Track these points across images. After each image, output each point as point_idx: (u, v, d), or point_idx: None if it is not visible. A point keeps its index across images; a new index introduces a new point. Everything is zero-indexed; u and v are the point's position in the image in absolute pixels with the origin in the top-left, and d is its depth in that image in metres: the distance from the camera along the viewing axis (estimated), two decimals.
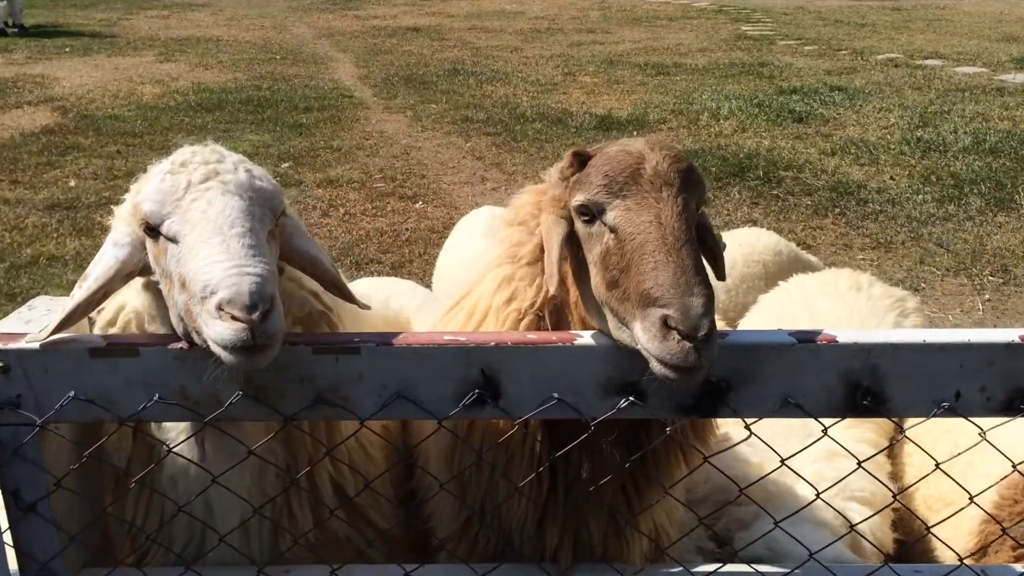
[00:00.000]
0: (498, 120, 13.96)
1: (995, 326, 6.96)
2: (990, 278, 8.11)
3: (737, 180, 10.47)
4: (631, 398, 1.90)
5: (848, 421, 2.46)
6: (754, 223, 9.22)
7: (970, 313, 7.44)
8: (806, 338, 1.89)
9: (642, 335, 1.82)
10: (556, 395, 1.91)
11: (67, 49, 21.26)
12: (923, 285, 7.98)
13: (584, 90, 16.30)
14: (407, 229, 9.47)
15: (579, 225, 2.08)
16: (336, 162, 11.90)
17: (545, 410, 1.91)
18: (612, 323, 1.96)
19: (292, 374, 1.91)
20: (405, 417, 2.07)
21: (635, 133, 13.19)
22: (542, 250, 2.22)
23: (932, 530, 2.42)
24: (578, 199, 2.04)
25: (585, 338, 1.94)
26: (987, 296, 7.79)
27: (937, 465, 2.05)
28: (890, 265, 8.44)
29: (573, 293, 2.21)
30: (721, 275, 2.15)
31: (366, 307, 2.31)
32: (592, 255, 2.03)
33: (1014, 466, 2.03)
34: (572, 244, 2.14)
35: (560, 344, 1.91)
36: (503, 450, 2.20)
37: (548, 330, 2.25)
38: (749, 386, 1.90)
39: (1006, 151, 11.58)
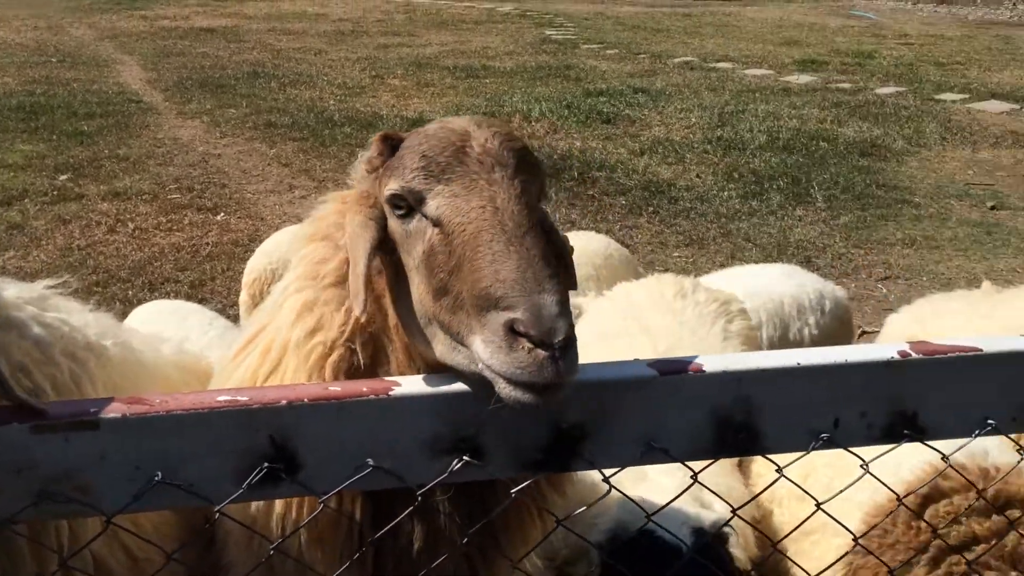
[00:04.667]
0: (304, 124, 13.25)
1: None
2: None
3: (553, 182, 10.34)
4: (466, 457, 1.52)
5: None
6: (572, 224, 9.16)
7: None
8: (669, 369, 1.57)
9: (482, 349, 1.47)
10: (371, 461, 1.49)
11: None
12: None
13: (393, 93, 15.84)
14: (207, 244, 8.68)
15: (394, 224, 1.70)
16: (124, 172, 10.82)
17: (358, 481, 1.50)
18: (444, 344, 1.61)
19: (4, 463, 1.39)
20: (171, 506, 1.58)
21: None
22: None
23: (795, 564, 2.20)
24: (390, 188, 1.68)
25: (404, 386, 1.53)
26: None
27: (819, 506, 1.80)
28: (704, 261, 8.57)
29: (393, 314, 1.82)
30: (572, 282, 1.82)
31: None
32: (412, 258, 1.66)
33: (900, 500, 1.83)
34: (387, 251, 1.75)
35: (372, 397, 1.50)
36: (311, 529, 1.76)
37: (361, 366, 1.85)
38: (606, 431, 1.57)
39: (797, 147, 12.19)
